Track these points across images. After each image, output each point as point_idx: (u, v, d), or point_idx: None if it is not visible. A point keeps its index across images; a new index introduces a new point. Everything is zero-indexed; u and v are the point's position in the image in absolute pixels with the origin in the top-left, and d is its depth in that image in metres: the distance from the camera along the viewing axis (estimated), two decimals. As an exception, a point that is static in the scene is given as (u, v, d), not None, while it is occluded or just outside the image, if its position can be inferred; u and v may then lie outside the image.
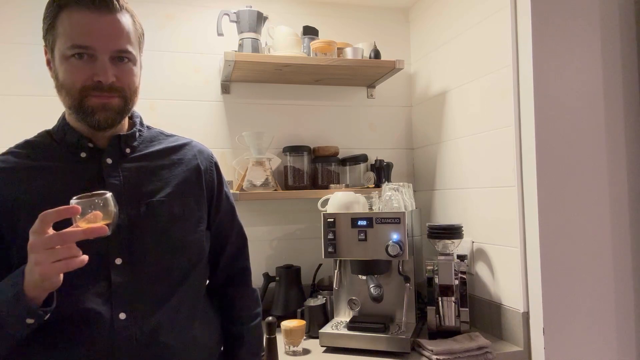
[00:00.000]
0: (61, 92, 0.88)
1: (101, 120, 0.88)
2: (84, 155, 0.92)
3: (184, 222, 0.96)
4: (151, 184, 0.94)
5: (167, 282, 0.92)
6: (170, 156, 1.00)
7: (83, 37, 0.84)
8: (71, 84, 0.86)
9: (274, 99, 1.98)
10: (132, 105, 0.94)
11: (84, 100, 0.86)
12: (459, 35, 1.76)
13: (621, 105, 1.47)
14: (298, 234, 1.98)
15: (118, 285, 0.87)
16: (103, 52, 0.85)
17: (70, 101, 0.87)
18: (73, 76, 0.85)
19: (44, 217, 0.72)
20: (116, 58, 0.88)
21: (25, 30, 1.73)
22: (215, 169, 1.07)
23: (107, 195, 0.77)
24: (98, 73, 0.85)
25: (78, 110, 0.87)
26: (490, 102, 1.58)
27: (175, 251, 0.94)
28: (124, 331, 0.86)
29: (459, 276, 1.51)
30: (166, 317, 0.91)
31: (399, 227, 1.45)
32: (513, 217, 1.47)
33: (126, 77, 0.89)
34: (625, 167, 1.47)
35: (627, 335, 1.45)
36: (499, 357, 1.39)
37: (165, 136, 1.05)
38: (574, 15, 1.43)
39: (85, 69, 0.85)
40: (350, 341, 1.44)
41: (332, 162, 1.90)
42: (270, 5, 1.95)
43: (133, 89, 0.92)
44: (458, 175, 1.78)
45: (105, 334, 0.85)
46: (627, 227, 1.46)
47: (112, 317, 0.85)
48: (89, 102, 0.86)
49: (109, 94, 0.87)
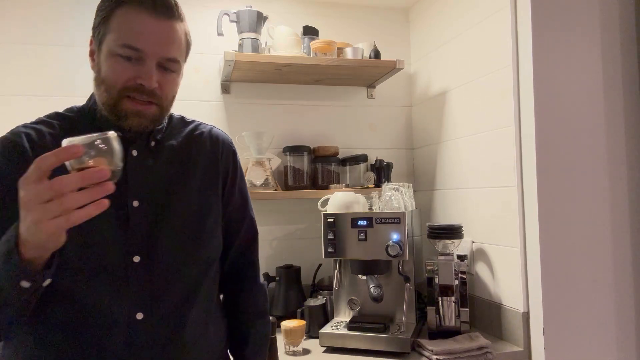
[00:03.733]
0: (100, 86, 0.85)
1: (133, 126, 0.85)
2: None
3: (204, 218, 0.94)
4: (173, 178, 0.93)
5: (184, 281, 0.90)
6: (191, 148, 0.98)
7: (136, 38, 0.82)
8: (113, 81, 0.83)
9: (274, 99, 1.98)
10: (166, 114, 0.93)
11: (120, 101, 0.83)
12: (459, 35, 1.76)
13: (621, 105, 1.47)
14: (298, 234, 1.98)
15: (136, 285, 0.84)
16: (152, 57, 0.83)
17: (106, 98, 0.84)
18: (116, 74, 0.83)
19: (41, 162, 0.61)
20: (163, 66, 0.86)
21: (28, 31, 1.73)
22: (232, 158, 1.04)
23: (108, 135, 0.66)
24: (142, 76, 0.83)
25: (111, 110, 0.84)
26: (490, 102, 1.58)
27: (194, 248, 0.92)
28: (140, 332, 0.84)
29: (459, 276, 1.50)
30: (183, 317, 0.89)
31: (399, 227, 1.45)
32: (513, 217, 1.47)
33: (168, 87, 0.88)
34: (625, 167, 1.47)
35: (627, 335, 1.45)
36: (499, 357, 1.39)
37: (185, 123, 1.02)
38: (574, 15, 1.43)
39: (131, 70, 0.83)
40: (350, 341, 1.44)
41: (332, 162, 1.90)
42: (270, 5, 1.95)
43: (171, 99, 0.91)
44: (458, 175, 1.78)
45: (122, 335, 0.83)
46: (627, 226, 1.46)
47: (129, 317, 0.83)
48: (124, 105, 0.84)
49: (147, 101, 0.85)
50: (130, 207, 0.86)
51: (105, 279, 0.83)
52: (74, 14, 1.78)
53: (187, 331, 0.90)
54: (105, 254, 0.83)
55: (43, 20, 1.75)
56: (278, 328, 1.47)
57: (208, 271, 0.96)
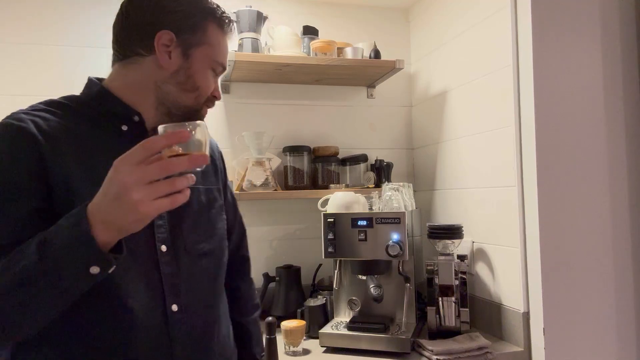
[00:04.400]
0: (191, 92, 0.89)
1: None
2: (125, 128, 0.87)
3: (212, 210, 0.98)
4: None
5: (206, 272, 0.93)
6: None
7: (225, 59, 0.94)
8: (205, 91, 0.91)
9: (274, 99, 1.98)
10: None
11: (201, 108, 0.92)
12: (459, 35, 1.76)
13: (621, 105, 1.47)
14: (298, 234, 1.97)
15: (167, 276, 0.85)
16: (221, 75, 0.96)
17: (191, 102, 0.90)
18: (208, 86, 0.92)
19: (151, 143, 0.62)
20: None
21: (28, 31, 1.73)
22: (222, 159, 1.11)
23: (200, 123, 0.68)
24: (217, 90, 0.95)
25: (191, 113, 0.90)
26: (490, 102, 1.58)
27: (209, 238, 0.95)
28: (178, 324, 0.85)
29: (459, 276, 1.50)
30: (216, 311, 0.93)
31: (399, 227, 1.45)
32: (513, 217, 1.47)
33: None
34: (625, 167, 1.47)
35: (627, 335, 1.45)
36: (499, 357, 1.38)
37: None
38: (574, 15, 1.43)
39: (212, 83, 0.93)
40: (350, 341, 1.44)
41: (332, 162, 1.90)
42: (270, 5, 1.95)
43: None
44: (458, 175, 1.78)
45: (161, 327, 0.83)
46: (627, 226, 1.46)
47: (165, 309, 0.83)
48: (202, 112, 0.93)
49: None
50: None
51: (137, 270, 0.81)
52: (73, 14, 1.78)
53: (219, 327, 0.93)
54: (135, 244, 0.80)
55: (43, 20, 1.75)
56: (278, 328, 1.47)
57: (222, 264, 0.99)
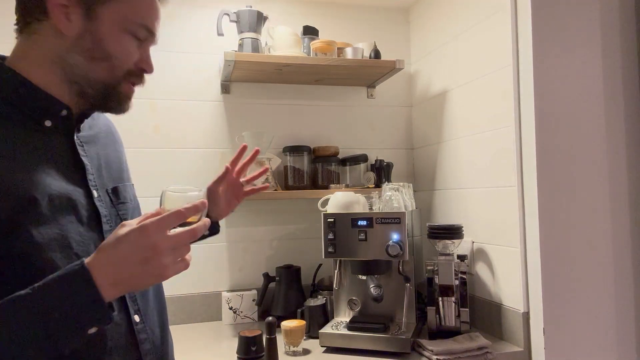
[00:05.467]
0: (100, 60, 0.74)
1: (125, 109, 0.80)
2: (48, 124, 0.74)
3: (137, 206, 0.92)
4: (109, 166, 0.86)
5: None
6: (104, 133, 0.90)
7: (154, 22, 0.78)
8: (122, 62, 0.76)
9: (274, 99, 1.98)
10: None
11: (120, 84, 0.77)
12: (459, 35, 1.76)
13: (621, 105, 1.47)
14: (298, 234, 1.98)
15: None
16: (153, 42, 0.80)
17: (106, 76, 0.75)
18: (126, 54, 0.76)
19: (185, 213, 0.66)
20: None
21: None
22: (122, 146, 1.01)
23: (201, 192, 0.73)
24: (146, 61, 0.79)
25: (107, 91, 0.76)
26: (490, 102, 1.58)
27: None
28: (142, 334, 0.80)
29: (459, 276, 1.50)
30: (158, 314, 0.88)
31: (399, 227, 1.45)
32: (513, 217, 1.47)
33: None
34: (625, 167, 1.47)
35: (627, 335, 1.45)
36: (499, 357, 1.38)
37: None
38: (574, 15, 1.43)
39: (136, 52, 0.77)
40: (350, 341, 1.44)
41: (332, 162, 1.90)
42: (270, 5, 1.95)
43: None
44: (458, 175, 1.78)
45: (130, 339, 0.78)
46: (627, 227, 1.46)
47: (129, 320, 0.78)
48: (122, 88, 0.77)
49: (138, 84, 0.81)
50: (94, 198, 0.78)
51: None
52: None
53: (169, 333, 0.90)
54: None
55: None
56: (278, 328, 1.47)
57: None
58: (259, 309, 1.80)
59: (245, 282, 1.88)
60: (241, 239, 1.91)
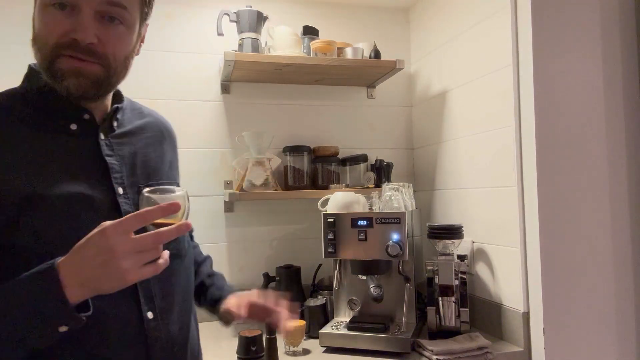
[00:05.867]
0: (34, 47, 0.74)
1: (71, 87, 0.73)
2: (74, 127, 0.78)
3: None
4: (144, 164, 0.87)
5: (180, 276, 0.88)
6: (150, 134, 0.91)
7: None
8: (44, 39, 0.71)
9: (274, 99, 1.98)
10: (116, 78, 0.79)
11: (55, 61, 0.72)
12: (459, 35, 1.76)
13: (621, 105, 1.47)
14: (298, 234, 1.98)
15: (143, 283, 0.80)
16: (88, 3, 0.71)
17: (41, 60, 0.73)
18: (48, 29, 0.71)
19: (147, 215, 0.63)
20: (105, 16, 0.73)
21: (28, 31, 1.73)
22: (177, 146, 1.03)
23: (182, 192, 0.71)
24: (76, 29, 0.70)
25: (47, 72, 0.73)
26: (490, 102, 1.58)
27: (181, 241, 0.89)
28: (154, 332, 0.80)
29: (459, 276, 1.50)
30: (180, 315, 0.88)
31: (399, 227, 1.45)
32: (513, 217, 1.47)
33: (113, 42, 0.75)
34: (625, 167, 1.47)
35: (627, 336, 1.45)
36: (499, 357, 1.38)
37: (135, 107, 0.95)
38: (574, 15, 1.43)
39: (64, 23, 0.71)
40: (350, 341, 1.44)
41: (332, 162, 1.90)
42: (270, 5, 1.95)
43: (120, 59, 0.77)
44: (458, 175, 1.78)
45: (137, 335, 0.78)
46: (627, 227, 1.46)
47: (140, 316, 0.79)
48: (59, 64, 0.72)
49: (84, 58, 0.72)
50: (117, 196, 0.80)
51: None
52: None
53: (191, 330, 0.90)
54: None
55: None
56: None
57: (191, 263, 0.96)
58: (259, 309, 1.80)
59: (245, 282, 1.87)
60: (241, 239, 1.91)
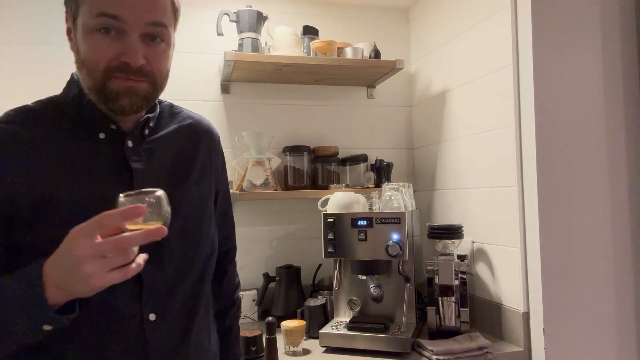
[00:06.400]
0: (82, 70, 0.77)
1: (125, 106, 0.78)
2: (102, 136, 0.82)
3: (202, 211, 0.92)
4: (172, 170, 0.89)
5: (191, 280, 0.88)
6: (186, 139, 0.93)
7: (113, 4, 0.72)
8: (94, 62, 0.75)
9: (274, 99, 1.98)
10: (161, 91, 0.84)
11: (107, 82, 0.75)
12: (459, 35, 1.76)
13: (621, 105, 1.47)
14: (298, 234, 1.97)
15: (149, 285, 0.81)
16: (134, 26, 0.74)
17: (91, 82, 0.76)
18: (97, 54, 0.74)
19: (104, 219, 0.62)
20: (148, 36, 0.77)
21: (27, 31, 1.73)
22: (221, 148, 1.04)
23: (160, 193, 0.68)
24: (126, 52, 0.74)
25: (100, 94, 0.77)
26: (490, 102, 1.58)
27: (197, 243, 0.89)
28: (154, 333, 0.81)
29: (459, 276, 1.50)
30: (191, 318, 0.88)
31: (399, 227, 1.45)
32: (513, 217, 1.47)
33: (157, 61, 0.79)
34: (625, 167, 1.47)
35: (627, 336, 1.45)
36: (499, 357, 1.38)
37: (174, 112, 0.97)
38: (574, 15, 1.43)
39: (112, 46, 0.74)
40: (350, 341, 1.44)
41: (332, 162, 1.90)
42: (270, 5, 1.95)
43: (164, 74, 0.82)
44: (458, 175, 1.78)
45: (136, 336, 0.79)
46: (627, 227, 1.46)
47: (142, 317, 0.79)
48: (112, 85, 0.76)
49: (135, 78, 0.77)
50: None
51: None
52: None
53: (199, 332, 0.90)
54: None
55: (43, 20, 1.75)
56: (278, 328, 1.47)
57: (210, 269, 0.95)
58: (259, 309, 1.80)
59: (245, 282, 1.86)
60: (241, 239, 1.88)
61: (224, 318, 1.09)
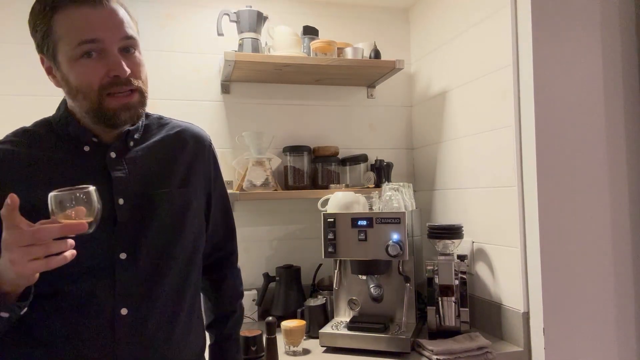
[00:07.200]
0: (77, 97, 0.84)
1: (126, 119, 0.87)
2: (87, 149, 0.90)
3: (186, 213, 0.95)
4: (155, 175, 0.94)
5: (171, 279, 0.91)
6: (171, 145, 0.99)
7: (89, 31, 0.81)
8: (88, 85, 0.82)
9: (274, 99, 1.98)
10: (147, 96, 0.92)
11: (103, 103, 0.83)
12: (459, 35, 1.76)
13: (621, 105, 1.47)
14: (298, 234, 1.98)
15: (122, 281, 0.85)
16: (112, 43, 0.83)
17: (88, 105, 0.84)
18: (88, 76, 0.82)
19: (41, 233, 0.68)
20: (123, 49, 0.85)
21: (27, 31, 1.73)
22: (211, 153, 1.07)
23: (90, 189, 0.73)
24: (113, 67, 0.82)
25: (97, 114, 0.84)
26: (490, 102, 1.58)
27: (178, 245, 0.93)
28: (125, 328, 0.85)
29: (459, 276, 1.50)
30: (173, 316, 0.91)
31: (399, 227, 1.45)
32: (513, 217, 1.47)
33: (137, 68, 0.88)
34: (625, 167, 1.47)
35: (627, 336, 1.45)
36: (499, 357, 1.39)
37: (163, 123, 1.03)
38: (574, 15, 1.43)
39: (98, 66, 0.82)
40: (350, 341, 1.44)
41: (332, 162, 1.90)
42: (270, 5, 1.95)
43: (145, 79, 0.91)
44: (458, 175, 1.78)
45: (107, 330, 0.84)
46: (627, 226, 1.46)
47: (113, 312, 0.84)
48: (109, 104, 0.84)
49: (127, 92, 0.85)
50: (116, 205, 0.87)
51: (91, 277, 0.84)
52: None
53: (176, 330, 0.91)
54: (92, 253, 0.83)
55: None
56: (278, 328, 1.47)
57: (193, 268, 0.97)
58: (259, 309, 1.80)
59: (245, 282, 1.84)
60: (241, 239, 1.88)
61: (222, 325, 1.10)
